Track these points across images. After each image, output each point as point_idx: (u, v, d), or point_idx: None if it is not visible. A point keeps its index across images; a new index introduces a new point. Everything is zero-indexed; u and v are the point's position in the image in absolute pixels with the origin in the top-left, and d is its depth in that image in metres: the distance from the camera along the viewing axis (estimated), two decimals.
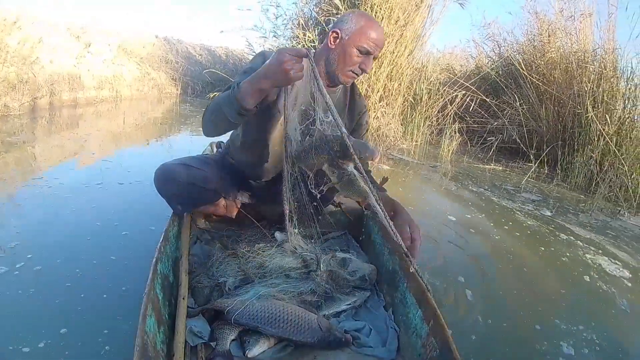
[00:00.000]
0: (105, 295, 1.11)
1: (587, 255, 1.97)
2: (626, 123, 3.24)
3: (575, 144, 3.57)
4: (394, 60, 3.94)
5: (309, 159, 0.98)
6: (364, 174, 0.95)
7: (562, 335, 1.23)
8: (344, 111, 1.29)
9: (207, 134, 1.14)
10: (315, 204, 1.15)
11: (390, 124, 4.15)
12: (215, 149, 1.73)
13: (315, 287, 1.03)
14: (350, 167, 0.96)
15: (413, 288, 0.98)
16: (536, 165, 3.64)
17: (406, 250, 0.97)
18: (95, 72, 5.04)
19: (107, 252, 1.34)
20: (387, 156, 3.45)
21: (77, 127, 3.64)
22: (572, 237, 2.20)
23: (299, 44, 3.99)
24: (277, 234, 1.25)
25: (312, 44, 3.92)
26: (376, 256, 1.27)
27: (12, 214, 1.58)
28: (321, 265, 1.10)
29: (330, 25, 1.35)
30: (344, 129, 0.91)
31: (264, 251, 1.14)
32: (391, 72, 4.04)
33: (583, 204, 2.91)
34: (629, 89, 3.34)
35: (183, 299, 0.90)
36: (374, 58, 1.17)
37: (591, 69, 3.50)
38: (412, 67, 4.28)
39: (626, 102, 3.33)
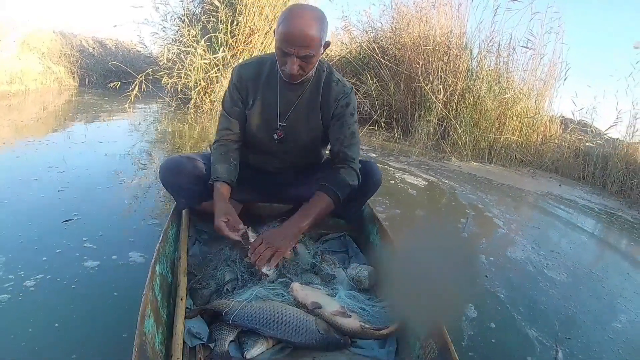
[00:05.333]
0: (103, 296, 1.11)
1: (395, 174, 3.02)
2: (465, 93, 4.29)
3: (422, 112, 4.50)
4: (263, 50, 4.73)
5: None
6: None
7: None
8: (317, 104, 1.21)
9: None
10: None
11: None
12: None
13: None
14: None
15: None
16: (370, 125, 4.71)
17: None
18: (6, 67, 5.31)
19: (106, 252, 1.34)
20: None
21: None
22: (386, 167, 3.21)
23: (183, 37, 4.61)
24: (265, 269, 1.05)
25: (195, 39, 4.45)
26: (375, 258, 1.27)
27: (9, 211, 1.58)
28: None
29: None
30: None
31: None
32: None
33: (410, 153, 3.95)
34: (476, 65, 4.44)
35: (181, 299, 0.90)
36: (301, 56, 1.03)
37: (442, 50, 4.40)
38: None
39: (467, 76, 4.37)
